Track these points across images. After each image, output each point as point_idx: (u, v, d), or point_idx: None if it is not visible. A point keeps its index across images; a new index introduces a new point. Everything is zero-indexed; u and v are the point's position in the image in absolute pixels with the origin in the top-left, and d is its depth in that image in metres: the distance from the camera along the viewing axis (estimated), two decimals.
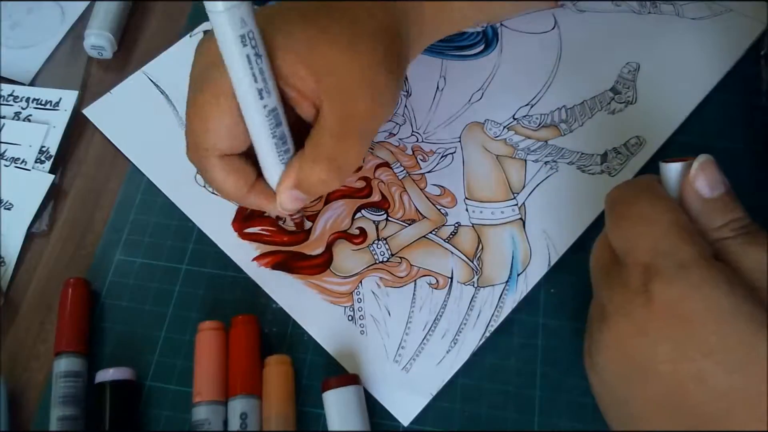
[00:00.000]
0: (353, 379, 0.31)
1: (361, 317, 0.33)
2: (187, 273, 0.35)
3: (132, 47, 0.43)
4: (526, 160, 0.37)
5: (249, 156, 0.31)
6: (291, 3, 0.31)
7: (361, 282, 0.34)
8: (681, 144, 0.37)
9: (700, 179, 0.25)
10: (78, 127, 0.41)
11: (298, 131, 0.30)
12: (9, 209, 0.38)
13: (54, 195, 0.38)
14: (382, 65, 0.30)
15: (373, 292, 0.34)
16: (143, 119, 0.40)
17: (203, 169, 0.31)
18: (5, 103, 0.41)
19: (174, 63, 0.42)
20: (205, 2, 0.25)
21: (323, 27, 0.29)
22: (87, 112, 0.41)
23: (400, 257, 0.35)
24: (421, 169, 0.37)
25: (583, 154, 0.37)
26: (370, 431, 0.30)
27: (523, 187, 0.37)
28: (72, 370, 0.32)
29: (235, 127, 0.29)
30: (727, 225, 0.25)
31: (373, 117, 0.31)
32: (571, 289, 0.34)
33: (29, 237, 0.37)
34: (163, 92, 0.41)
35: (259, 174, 0.31)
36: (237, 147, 0.30)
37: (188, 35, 0.43)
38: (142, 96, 0.41)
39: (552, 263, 0.34)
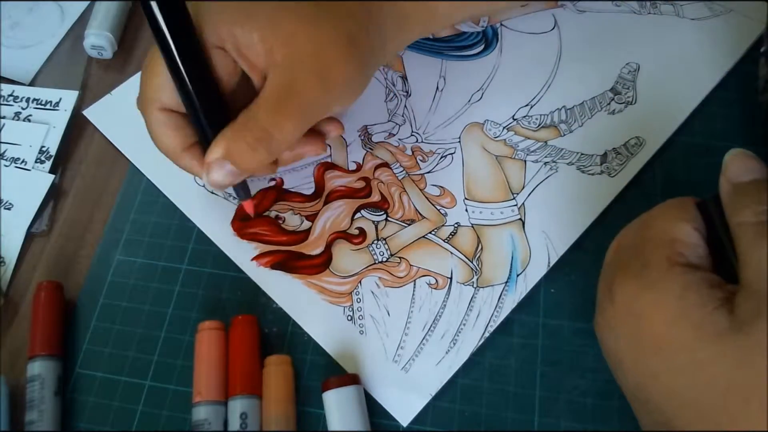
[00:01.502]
0: (353, 379, 0.31)
1: (361, 317, 0.33)
2: (187, 273, 0.35)
3: (132, 47, 0.44)
4: (525, 161, 0.37)
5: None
6: None
7: (360, 282, 0.34)
8: (681, 144, 0.37)
9: (731, 167, 0.26)
10: (78, 127, 0.41)
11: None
12: (9, 209, 0.38)
13: (54, 195, 0.38)
14: (343, 51, 0.30)
15: (372, 292, 0.34)
16: (143, 120, 0.40)
17: (146, 120, 0.32)
18: (5, 103, 0.41)
19: None
20: None
21: (291, 1, 0.29)
22: (87, 113, 0.41)
23: (400, 257, 0.35)
24: (420, 169, 0.37)
25: (582, 154, 0.37)
26: (370, 431, 0.30)
27: (523, 187, 0.36)
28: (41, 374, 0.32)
29: None
30: (750, 208, 0.24)
31: (319, 99, 0.30)
32: (571, 289, 0.34)
33: (29, 237, 0.37)
34: None
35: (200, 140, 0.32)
36: (179, 105, 0.31)
37: None
38: None
39: (551, 264, 0.34)
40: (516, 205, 0.36)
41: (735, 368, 0.22)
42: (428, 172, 0.37)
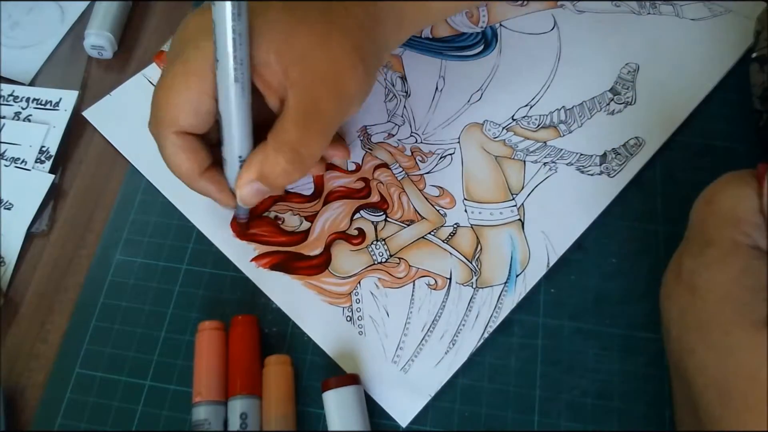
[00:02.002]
0: (353, 379, 0.31)
1: (360, 318, 0.34)
2: (187, 273, 0.35)
3: (132, 47, 0.43)
4: (525, 161, 0.37)
5: (208, 142, 0.32)
6: None
7: (359, 283, 0.34)
8: (681, 144, 0.37)
9: None
10: (78, 127, 0.41)
11: (266, 127, 0.31)
12: (9, 209, 0.38)
13: (54, 195, 0.38)
14: (353, 59, 0.30)
15: (371, 293, 0.34)
16: (143, 121, 0.40)
17: (160, 143, 0.31)
18: (5, 103, 0.41)
19: None
20: None
21: (300, 18, 0.30)
22: (87, 114, 0.41)
23: (399, 258, 0.35)
24: (419, 170, 0.37)
25: (582, 155, 0.37)
26: (370, 431, 0.31)
27: (522, 188, 0.37)
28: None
29: (199, 106, 0.30)
30: None
31: (338, 110, 0.31)
32: (571, 289, 0.34)
33: (29, 237, 0.37)
34: None
35: (215, 162, 0.32)
36: (197, 127, 0.31)
37: None
38: (142, 98, 0.40)
39: (551, 264, 0.34)
40: (515, 205, 0.36)
41: (763, 361, 0.22)
42: (427, 173, 0.37)
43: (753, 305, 0.24)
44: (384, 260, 0.35)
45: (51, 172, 0.39)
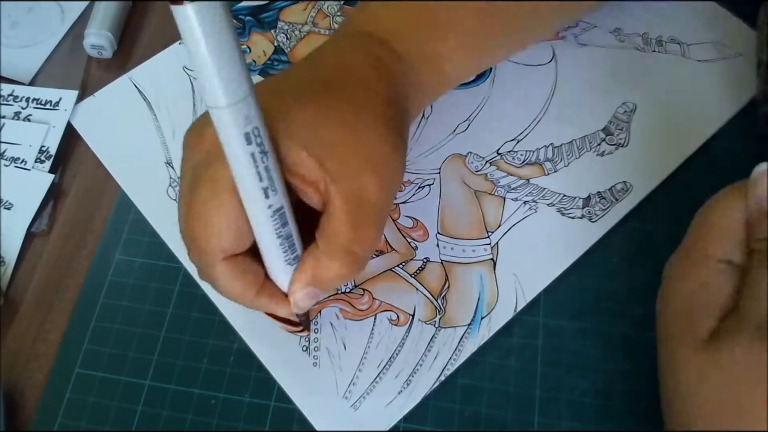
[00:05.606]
0: None
1: (316, 349, 0.34)
2: (187, 273, 0.35)
3: (132, 47, 0.44)
4: (505, 198, 0.36)
5: (255, 252, 0.28)
6: (287, 82, 0.29)
7: (320, 312, 0.34)
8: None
9: (760, 186, 0.25)
10: None
11: (306, 220, 0.28)
12: (9, 209, 0.38)
13: (54, 195, 0.38)
14: (385, 138, 0.28)
15: (331, 324, 0.34)
16: (123, 125, 0.40)
17: (208, 274, 0.28)
18: (5, 102, 0.41)
19: (161, 70, 0.41)
20: (204, 95, 0.23)
21: (321, 109, 0.27)
22: (73, 119, 0.40)
23: (363, 289, 0.35)
24: (395, 198, 0.37)
25: (564, 196, 0.36)
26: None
27: (499, 225, 0.35)
28: None
29: (240, 224, 0.26)
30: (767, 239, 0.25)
31: (386, 194, 0.29)
32: (571, 289, 0.34)
33: (29, 237, 0.37)
34: (146, 99, 0.41)
35: (266, 273, 0.28)
36: (242, 245, 0.27)
37: (178, 42, 0.42)
38: (125, 101, 0.41)
39: (518, 309, 0.33)
40: (489, 244, 0.35)
41: (696, 382, 0.24)
42: (403, 203, 0.37)
43: (700, 323, 0.24)
44: (348, 290, 0.35)
45: (51, 171, 0.39)
